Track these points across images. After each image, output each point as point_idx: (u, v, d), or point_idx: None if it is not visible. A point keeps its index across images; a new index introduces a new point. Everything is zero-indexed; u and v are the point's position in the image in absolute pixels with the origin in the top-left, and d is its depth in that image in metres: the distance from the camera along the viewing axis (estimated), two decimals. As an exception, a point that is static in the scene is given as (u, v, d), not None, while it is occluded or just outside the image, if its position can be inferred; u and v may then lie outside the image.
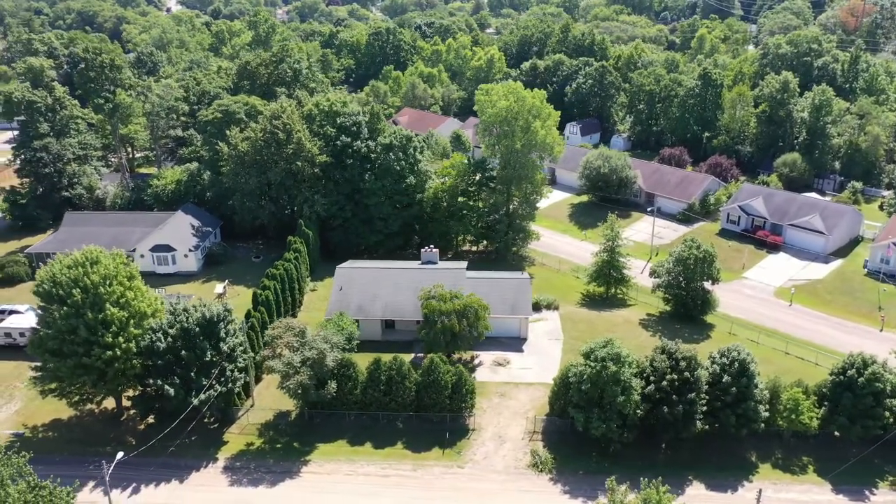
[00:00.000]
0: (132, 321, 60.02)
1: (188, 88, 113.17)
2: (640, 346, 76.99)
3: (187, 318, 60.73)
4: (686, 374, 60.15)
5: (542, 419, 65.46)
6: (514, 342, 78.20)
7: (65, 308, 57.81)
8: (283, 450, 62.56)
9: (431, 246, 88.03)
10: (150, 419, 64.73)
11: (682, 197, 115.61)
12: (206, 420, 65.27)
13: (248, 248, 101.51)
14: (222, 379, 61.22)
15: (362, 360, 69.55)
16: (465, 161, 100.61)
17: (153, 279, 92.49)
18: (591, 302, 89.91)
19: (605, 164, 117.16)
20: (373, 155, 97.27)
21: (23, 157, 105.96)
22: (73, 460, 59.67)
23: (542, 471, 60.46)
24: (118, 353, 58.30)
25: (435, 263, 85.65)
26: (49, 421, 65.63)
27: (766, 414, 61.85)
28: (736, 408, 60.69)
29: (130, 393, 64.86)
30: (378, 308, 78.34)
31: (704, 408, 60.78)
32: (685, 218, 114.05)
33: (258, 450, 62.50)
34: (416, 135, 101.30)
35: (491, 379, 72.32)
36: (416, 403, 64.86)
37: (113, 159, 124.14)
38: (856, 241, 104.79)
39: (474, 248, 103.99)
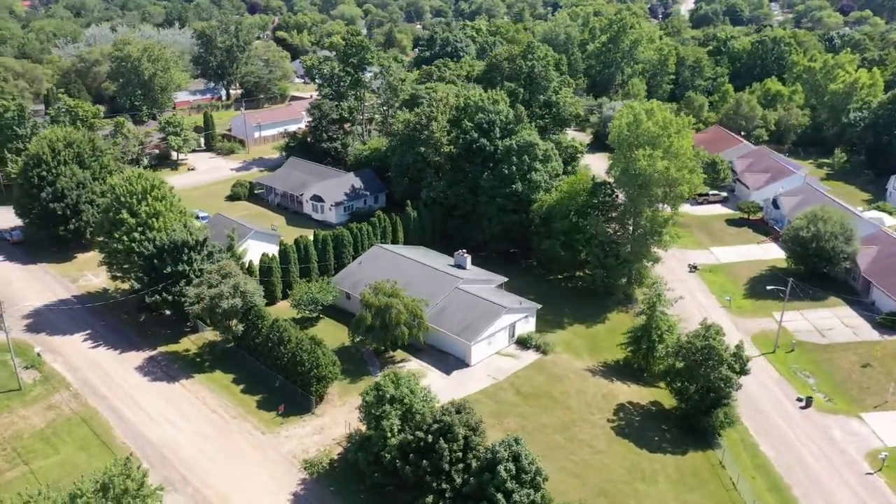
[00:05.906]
0: (139, 228, 79.64)
1: (430, 74, 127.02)
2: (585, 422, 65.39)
3: (166, 239, 77.76)
4: (429, 437, 52.16)
5: (367, 432, 63.56)
6: (456, 363, 73.83)
7: (104, 205, 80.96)
8: (192, 363, 75.03)
9: (464, 250, 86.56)
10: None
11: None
12: (187, 323, 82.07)
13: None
14: (172, 291, 76.75)
15: (329, 327, 79.98)
16: (588, 180, 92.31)
17: (309, 221, 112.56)
18: (612, 368, 76.26)
19: (807, 228, 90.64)
20: (497, 155, 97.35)
21: (311, 113, 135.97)
22: (92, 311, 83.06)
23: (306, 469, 60.33)
24: (120, 247, 78.95)
25: (463, 267, 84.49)
26: (120, 288, 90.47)
27: (519, 534, 49.35)
28: (476, 504, 50.25)
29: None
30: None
31: (445, 485, 51.85)
32: (889, 323, 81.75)
33: (180, 356, 76.42)
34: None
35: (387, 383, 71.36)
36: (289, 369, 69.95)
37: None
38: None
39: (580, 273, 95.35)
